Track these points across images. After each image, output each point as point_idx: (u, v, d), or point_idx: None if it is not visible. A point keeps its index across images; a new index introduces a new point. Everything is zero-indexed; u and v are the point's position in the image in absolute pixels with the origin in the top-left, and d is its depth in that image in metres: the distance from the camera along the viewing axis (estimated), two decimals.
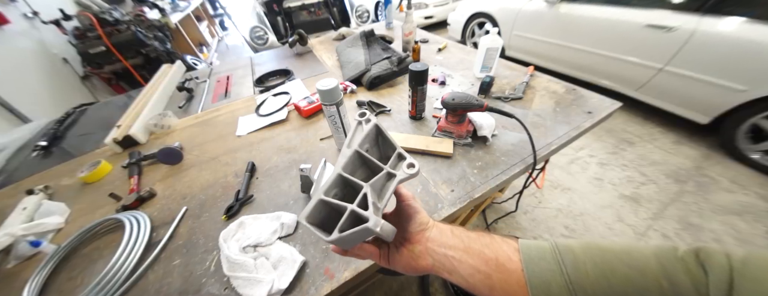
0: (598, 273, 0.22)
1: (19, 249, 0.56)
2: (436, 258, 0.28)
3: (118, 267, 0.49)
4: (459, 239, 0.28)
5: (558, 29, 2.18)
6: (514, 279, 0.25)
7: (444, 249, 0.28)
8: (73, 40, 2.16)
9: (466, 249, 0.27)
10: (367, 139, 0.31)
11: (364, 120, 0.33)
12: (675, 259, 0.20)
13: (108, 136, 0.86)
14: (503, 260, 0.26)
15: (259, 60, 1.41)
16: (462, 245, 0.28)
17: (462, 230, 0.29)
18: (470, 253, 0.27)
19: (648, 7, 1.71)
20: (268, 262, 0.47)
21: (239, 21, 3.72)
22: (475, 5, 2.79)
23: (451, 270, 0.27)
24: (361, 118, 0.33)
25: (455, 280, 0.27)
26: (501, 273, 0.25)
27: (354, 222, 0.25)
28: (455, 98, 0.62)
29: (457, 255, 0.27)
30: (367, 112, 0.34)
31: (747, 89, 1.40)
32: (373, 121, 0.32)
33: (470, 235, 0.28)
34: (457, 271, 0.27)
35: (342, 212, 0.25)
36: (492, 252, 0.26)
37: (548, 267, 0.24)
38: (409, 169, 0.27)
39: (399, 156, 0.30)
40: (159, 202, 0.65)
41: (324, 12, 2.83)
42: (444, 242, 0.28)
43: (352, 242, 0.27)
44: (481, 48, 0.90)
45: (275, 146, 0.77)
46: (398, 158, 0.30)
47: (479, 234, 0.29)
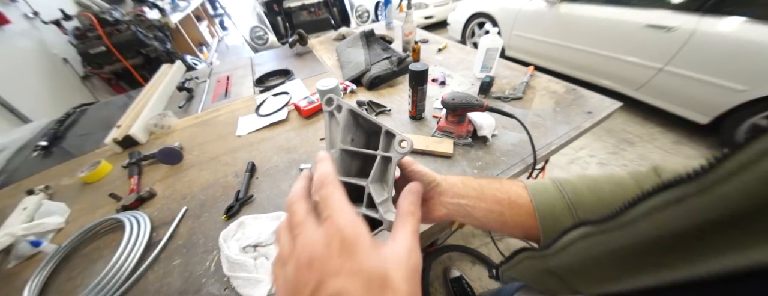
0: (591, 194, 0.27)
1: (19, 249, 0.56)
2: (450, 208, 0.30)
3: (118, 267, 0.49)
4: (471, 188, 0.31)
5: (558, 29, 2.18)
6: (524, 210, 0.28)
7: (457, 198, 0.30)
8: (73, 41, 2.16)
9: (479, 195, 0.30)
10: (347, 129, 0.28)
11: (334, 109, 0.28)
12: (642, 174, 0.27)
13: (108, 136, 0.86)
14: (514, 197, 0.29)
15: (259, 60, 1.41)
16: (475, 193, 0.30)
17: (472, 179, 0.32)
18: (483, 198, 0.30)
19: (648, 7, 1.71)
20: (268, 262, 0.47)
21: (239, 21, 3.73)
22: (475, 5, 2.80)
23: (465, 215, 0.30)
24: (329, 107, 0.28)
25: (469, 222, 0.31)
26: (513, 209, 0.29)
27: (367, 221, 0.25)
28: (455, 98, 0.62)
29: (471, 202, 0.30)
30: (333, 97, 0.28)
31: (747, 89, 1.40)
32: (345, 106, 0.28)
33: (481, 182, 0.31)
34: (471, 215, 0.30)
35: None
36: (504, 193, 0.30)
37: (552, 196, 0.28)
38: (402, 146, 0.26)
39: (387, 134, 0.27)
40: (159, 202, 0.65)
41: (324, 12, 2.83)
42: (456, 193, 0.30)
43: None
44: (481, 48, 0.90)
45: (275, 146, 0.77)
46: (387, 137, 0.27)
47: (489, 180, 0.32)
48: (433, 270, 1.23)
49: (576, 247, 0.22)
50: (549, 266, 0.25)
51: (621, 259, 0.18)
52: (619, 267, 0.19)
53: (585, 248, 0.21)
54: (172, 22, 2.92)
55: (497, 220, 0.29)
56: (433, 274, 1.22)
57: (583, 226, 0.21)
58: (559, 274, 0.24)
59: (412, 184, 0.25)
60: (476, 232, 1.39)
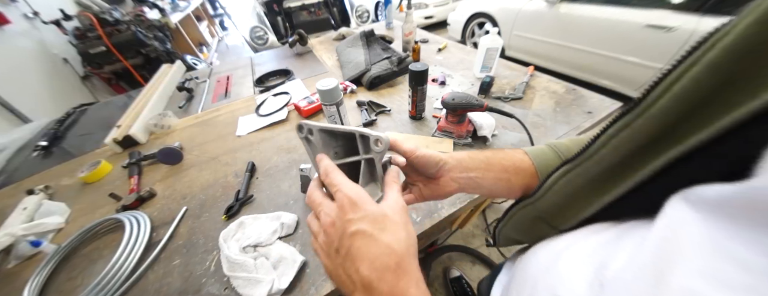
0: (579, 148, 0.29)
1: (19, 249, 0.56)
2: (461, 182, 0.32)
3: (118, 267, 0.49)
4: (478, 161, 0.33)
5: (558, 29, 2.18)
6: (528, 173, 0.32)
7: (466, 173, 0.32)
8: (73, 41, 2.16)
9: (487, 166, 0.33)
10: (327, 146, 0.30)
11: (306, 134, 0.30)
12: None
13: (108, 136, 0.86)
14: (518, 163, 0.33)
15: (259, 60, 1.41)
16: (483, 165, 0.33)
17: (477, 152, 0.35)
18: (491, 168, 0.33)
19: (648, 7, 1.71)
20: (268, 262, 0.47)
21: (239, 21, 3.73)
22: (475, 5, 2.80)
23: (475, 187, 0.33)
24: (302, 133, 0.30)
25: (478, 192, 0.34)
26: (518, 174, 0.32)
27: None
28: (455, 98, 0.62)
29: (480, 174, 0.32)
30: (302, 123, 0.30)
31: None
32: (315, 128, 0.29)
33: (486, 154, 0.34)
34: (480, 186, 0.33)
35: None
36: (508, 161, 0.33)
37: (549, 157, 0.33)
38: (378, 145, 0.26)
39: (362, 138, 0.28)
40: (159, 202, 0.65)
41: (324, 12, 2.83)
42: (464, 167, 0.33)
43: None
44: (481, 48, 0.90)
45: (275, 146, 0.77)
46: (364, 140, 0.28)
47: (493, 152, 0.35)
48: (433, 270, 1.23)
49: (558, 185, 0.26)
50: (538, 210, 0.29)
51: (593, 185, 0.22)
52: (593, 192, 0.22)
53: (565, 183, 0.25)
54: (172, 22, 2.92)
55: (505, 187, 0.32)
56: (433, 274, 1.22)
57: (563, 166, 0.25)
58: (545, 217, 0.28)
59: (392, 167, 0.29)
60: (476, 232, 1.39)
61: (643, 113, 0.17)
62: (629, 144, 0.19)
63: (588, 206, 0.23)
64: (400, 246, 0.21)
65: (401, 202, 0.25)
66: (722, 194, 0.12)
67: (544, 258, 0.26)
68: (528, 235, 0.32)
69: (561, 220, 0.26)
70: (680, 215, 0.14)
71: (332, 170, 0.26)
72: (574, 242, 0.24)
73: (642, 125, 0.18)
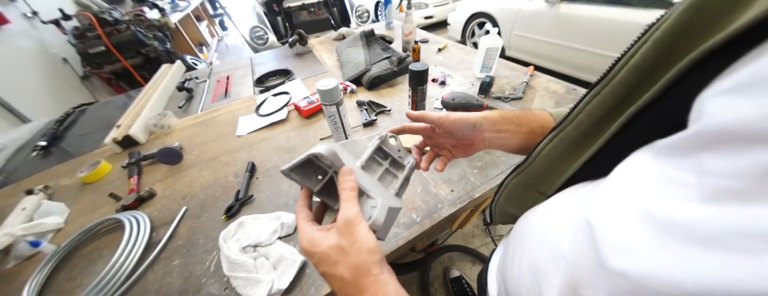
0: None
1: (18, 249, 0.56)
2: (492, 140, 0.36)
3: (117, 267, 0.49)
4: (510, 120, 0.36)
5: (558, 29, 2.18)
6: (549, 128, 0.33)
7: (497, 132, 0.36)
8: (72, 40, 2.15)
9: (518, 126, 0.36)
10: (308, 177, 0.30)
11: (290, 176, 0.29)
12: None
13: (108, 136, 0.86)
14: (544, 124, 0.36)
15: (259, 60, 1.41)
16: (513, 125, 0.36)
17: (508, 112, 0.37)
18: (521, 129, 0.36)
19: (648, 7, 1.71)
20: (268, 262, 0.47)
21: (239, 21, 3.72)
22: (475, 5, 2.80)
23: (503, 145, 0.37)
24: (288, 176, 0.29)
25: (505, 148, 0.37)
26: (543, 130, 0.35)
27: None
28: (455, 98, 0.62)
29: (510, 133, 0.36)
30: (282, 170, 0.28)
31: None
32: (286, 167, 0.28)
33: (517, 114, 0.37)
34: (508, 144, 0.36)
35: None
36: (537, 122, 0.36)
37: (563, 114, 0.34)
38: (325, 160, 0.27)
39: (316, 158, 0.27)
40: (159, 202, 0.65)
41: (324, 12, 2.83)
42: (497, 128, 0.36)
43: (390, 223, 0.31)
44: (481, 48, 0.90)
45: (275, 146, 0.77)
46: (318, 160, 0.27)
47: (523, 112, 0.37)
48: (433, 270, 1.23)
49: (546, 150, 0.28)
50: (529, 177, 0.31)
51: (572, 148, 0.25)
52: (572, 155, 0.25)
53: (551, 148, 0.27)
54: (172, 22, 2.92)
55: (531, 144, 0.34)
56: (433, 274, 1.22)
57: (550, 134, 0.28)
58: (534, 184, 0.30)
59: (343, 177, 0.28)
60: (476, 232, 1.39)
61: (608, 83, 0.21)
62: (599, 109, 0.22)
63: (568, 168, 0.25)
64: (352, 271, 0.24)
65: (349, 214, 0.25)
66: (668, 141, 0.15)
67: (534, 220, 0.28)
68: (519, 205, 0.33)
69: (547, 185, 0.28)
70: (637, 158, 0.18)
71: (298, 220, 0.29)
72: (558, 201, 0.26)
73: (608, 92, 0.21)
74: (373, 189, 0.29)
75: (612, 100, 0.21)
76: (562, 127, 0.26)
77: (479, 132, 0.36)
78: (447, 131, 0.37)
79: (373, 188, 0.30)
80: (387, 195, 0.31)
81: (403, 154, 0.38)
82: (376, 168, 0.35)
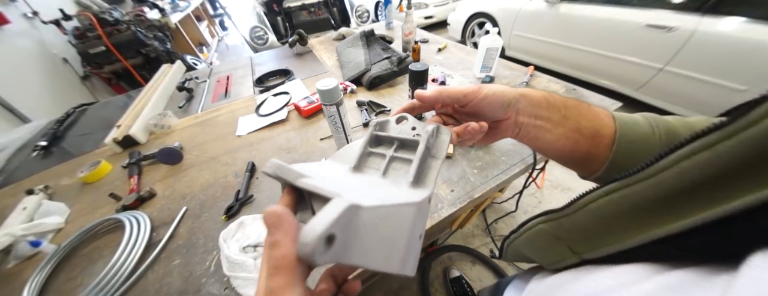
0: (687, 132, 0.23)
1: (19, 249, 0.56)
2: (524, 128, 0.27)
3: (118, 267, 0.49)
4: (554, 109, 0.27)
5: (558, 29, 2.18)
6: (603, 142, 0.26)
7: (534, 119, 0.27)
8: (73, 40, 2.16)
9: (561, 119, 0.27)
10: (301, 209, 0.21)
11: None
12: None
13: (108, 136, 0.86)
14: (599, 128, 0.26)
15: (259, 60, 1.41)
16: (557, 116, 0.27)
17: (558, 98, 0.27)
18: (565, 123, 0.26)
19: (648, 7, 1.71)
20: None
21: (239, 21, 3.72)
22: (475, 5, 2.79)
23: (536, 136, 0.27)
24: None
25: (533, 145, 0.29)
26: (594, 139, 0.26)
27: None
28: None
29: (548, 126, 0.27)
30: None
31: (747, 89, 1.40)
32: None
33: (566, 104, 0.27)
34: (540, 139, 0.27)
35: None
36: (589, 121, 0.26)
37: (640, 130, 0.25)
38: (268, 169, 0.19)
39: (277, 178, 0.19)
40: (159, 202, 0.65)
41: (324, 12, 2.83)
42: (536, 112, 0.27)
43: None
44: (481, 48, 0.90)
45: (275, 146, 0.77)
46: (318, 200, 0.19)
47: (575, 104, 0.27)
48: (433, 270, 1.23)
49: (596, 205, 0.21)
50: (562, 228, 0.25)
51: (642, 213, 0.18)
52: (639, 222, 0.19)
53: (606, 204, 0.21)
54: (172, 22, 2.92)
55: (568, 148, 0.27)
56: (433, 274, 1.22)
57: (609, 184, 0.21)
58: (568, 239, 0.24)
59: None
60: (476, 232, 1.39)
61: (736, 134, 0.14)
62: (706, 170, 0.15)
63: (627, 238, 0.19)
64: None
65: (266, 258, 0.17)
66: None
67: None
68: (542, 255, 0.28)
69: (587, 247, 0.23)
70: None
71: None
72: (618, 285, 0.19)
73: (732, 148, 0.14)
74: (354, 189, 0.20)
75: (735, 161, 0.14)
76: (631, 181, 0.19)
77: (512, 113, 0.26)
78: (474, 110, 0.27)
79: (357, 188, 0.21)
80: (382, 193, 0.21)
81: (420, 127, 0.27)
82: (379, 164, 0.25)
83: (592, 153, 0.26)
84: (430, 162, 0.25)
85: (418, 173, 0.23)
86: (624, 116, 0.27)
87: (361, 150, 0.25)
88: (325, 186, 0.17)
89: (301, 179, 0.18)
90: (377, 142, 0.27)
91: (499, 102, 0.26)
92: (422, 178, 0.23)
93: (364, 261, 0.16)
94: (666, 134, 0.24)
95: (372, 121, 0.27)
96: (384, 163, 0.24)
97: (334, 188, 0.17)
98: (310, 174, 0.19)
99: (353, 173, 0.24)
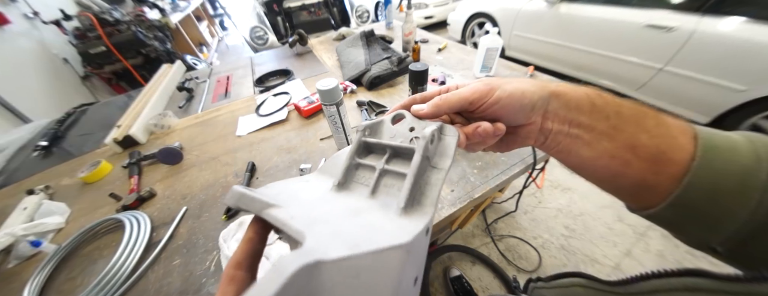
0: None
1: (19, 249, 0.56)
2: (552, 138, 0.21)
3: (118, 267, 0.49)
4: (602, 116, 0.20)
5: (558, 29, 2.18)
6: (672, 170, 0.18)
7: (568, 126, 0.20)
8: (73, 41, 2.16)
9: (611, 130, 0.19)
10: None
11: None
12: None
13: (108, 136, 0.86)
14: (666, 148, 0.18)
15: (259, 60, 1.41)
16: (603, 126, 0.19)
17: (610, 100, 0.20)
18: (615, 137, 0.19)
19: (648, 7, 1.71)
20: (268, 262, 0.47)
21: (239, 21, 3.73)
22: (475, 5, 2.79)
23: (565, 151, 0.21)
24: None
25: (564, 160, 0.22)
26: (656, 165, 0.18)
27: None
28: None
29: (588, 138, 0.20)
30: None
31: (747, 89, 1.40)
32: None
33: (622, 110, 0.19)
34: (577, 153, 0.21)
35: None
36: (652, 138, 0.18)
37: (736, 153, 0.17)
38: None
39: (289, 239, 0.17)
40: (159, 202, 0.65)
41: (324, 12, 2.83)
42: (572, 119, 0.20)
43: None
44: (481, 48, 0.90)
45: (275, 146, 0.77)
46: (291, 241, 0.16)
47: (638, 111, 0.20)
48: (433, 270, 1.23)
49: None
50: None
51: None
52: None
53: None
54: (172, 22, 2.92)
55: (612, 169, 0.20)
56: (433, 274, 1.22)
57: (693, 276, 0.16)
58: None
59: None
60: (476, 232, 1.39)
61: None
62: None
63: None
64: None
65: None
66: None
67: None
68: None
69: None
70: None
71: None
72: None
73: None
74: (326, 223, 0.16)
75: None
76: (733, 288, 0.15)
77: (537, 117, 0.21)
78: (486, 116, 0.22)
79: (333, 220, 0.16)
80: (362, 227, 0.16)
81: (419, 128, 0.23)
82: (367, 178, 0.21)
83: (649, 182, 0.19)
84: (429, 176, 0.20)
85: (412, 194, 0.18)
86: (715, 136, 0.18)
87: (346, 162, 0.21)
88: (293, 221, 0.15)
89: (267, 211, 0.16)
90: (367, 150, 0.23)
91: (518, 105, 0.20)
92: (419, 198, 0.19)
93: None
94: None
95: (361, 124, 0.22)
96: (373, 178, 0.20)
97: (301, 224, 0.14)
98: (281, 200, 0.16)
99: (337, 192, 0.20)
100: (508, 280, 1.17)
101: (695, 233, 0.18)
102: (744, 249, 0.16)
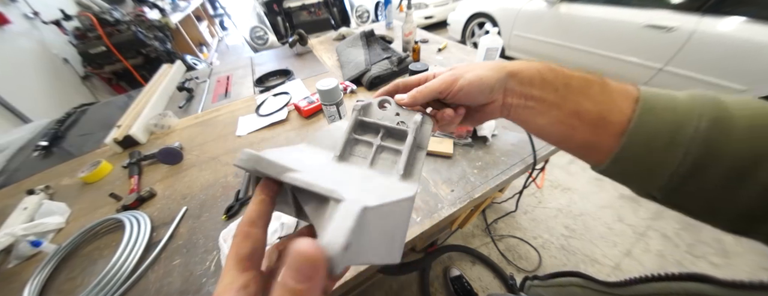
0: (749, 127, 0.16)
1: (19, 249, 0.57)
2: (511, 110, 0.24)
3: (118, 267, 0.49)
4: (551, 86, 0.22)
5: (558, 29, 2.18)
6: (611, 130, 0.20)
7: (524, 100, 0.23)
8: (73, 41, 2.16)
9: (558, 100, 0.22)
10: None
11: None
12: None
13: (108, 136, 0.86)
14: (606, 114, 0.20)
15: (259, 60, 1.41)
16: (553, 96, 0.22)
17: (559, 73, 0.22)
18: (561, 106, 0.22)
19: (648, 7, 1.71)
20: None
21: (239, 21, 3.73)
22: (475, 5, 2.80)
23: (524, 121, 0.24)
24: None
25: (527, 126, 0.25)
26: (592, 127, 0.21)
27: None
28: None
29: (541, 108, 0.23)
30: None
31: (747, 89, 1.40)
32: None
33: (570, 81, 0.22)
34: (529, 121, 0.24)
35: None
36: (595, 105, 0.21)
37: (671, 118, 0.18)
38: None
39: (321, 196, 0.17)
40: (159, 202, 0.65)
41: (324, 12, 2.83)
42: (527, 92, 0.23)
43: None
44: (481, 48, 0.90)
45: (275, 146, 0.77)
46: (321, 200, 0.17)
47: (581, 78, 0.22)
48: (433, 269, 1.23)
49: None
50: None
51: None
52: None
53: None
54: (172, 23, 2.92)
55: (561, 133, 0.23)
56: (433, 274, 1.22)
57: (694, 281, 0.17)
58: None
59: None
60: (476, 232, 1.39)
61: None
62: None
63: None
64: None
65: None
66: None
67: None
68: None
69: None
70: None
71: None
72: None
73: None
74: (348, 184, 0.19)
75: None
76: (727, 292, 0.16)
77: (498, 96, 0.24)
78: (454, 102, 0.26)
79: (351, 182, 0.20)
80: (377, 187, 0.21)
81: (406, 115, 0.27)
82: (365, 152, 0.25)
83: (593, 143, 0.21)
84: (416, 153, 0.25)
85: (408, 165, 0.23)
86: (658, 97, 0.19)
87: (346, 137, 0.25)
88: (319, 182, 0.16)
89: (288, 175, 0.17)
90: (362, 128, 0.27)
91: (477, 90, 0.24)
92: (410, 170, 0.23)
93: (366, 259, 0.15)
94: (709, 124, 0.17)
95: (355, 104, 0.26)
96: (371, 152, 0.24)
97: (328, 185, 0.16)
98: (293, 165, 0.18)
99: (338, 162, 0.24)
100: (507, 280, 1.17)
101: (637, 183, 0.21)
102: (676, 195, 0.19)
